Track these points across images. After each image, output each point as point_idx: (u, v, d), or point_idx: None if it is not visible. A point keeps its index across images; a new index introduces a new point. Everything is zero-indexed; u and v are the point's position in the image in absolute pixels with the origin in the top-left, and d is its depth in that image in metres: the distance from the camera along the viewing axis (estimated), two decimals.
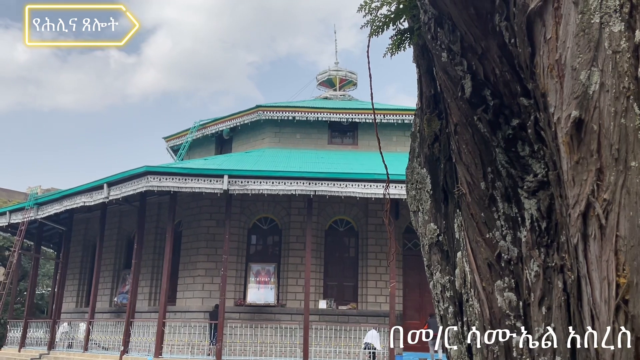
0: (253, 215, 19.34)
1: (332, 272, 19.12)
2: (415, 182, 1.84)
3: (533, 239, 1.47)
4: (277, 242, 19.52)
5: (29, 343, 20.38)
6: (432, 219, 1.76)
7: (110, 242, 21.21)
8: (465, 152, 1.59)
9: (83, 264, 22.83)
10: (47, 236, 24.86)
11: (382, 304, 18.05)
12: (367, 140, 22.45)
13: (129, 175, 16.34)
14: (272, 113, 22.30)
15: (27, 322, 20.66)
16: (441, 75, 1.64)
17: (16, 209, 21.03)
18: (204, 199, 18.43)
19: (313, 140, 22.55)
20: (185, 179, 16.06)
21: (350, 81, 28.48)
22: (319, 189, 16.12)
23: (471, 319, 1.59)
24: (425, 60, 1.81)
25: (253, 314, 17.94)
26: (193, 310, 18.06)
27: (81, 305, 22.32)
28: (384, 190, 12.56)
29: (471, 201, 1.57)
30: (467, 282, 1.60)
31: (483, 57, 1.53)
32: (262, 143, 22.60)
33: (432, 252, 1.76)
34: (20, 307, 27.51)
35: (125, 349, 16.30)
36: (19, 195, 42.00)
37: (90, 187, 17.50)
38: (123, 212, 21.02)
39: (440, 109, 1.75)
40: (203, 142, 24.32)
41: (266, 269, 18.71)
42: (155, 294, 19.43)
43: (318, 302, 18.14)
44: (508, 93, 1.52)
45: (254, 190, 16.10)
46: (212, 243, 18.52)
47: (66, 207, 18.42)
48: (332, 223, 19.50)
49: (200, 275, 18.48)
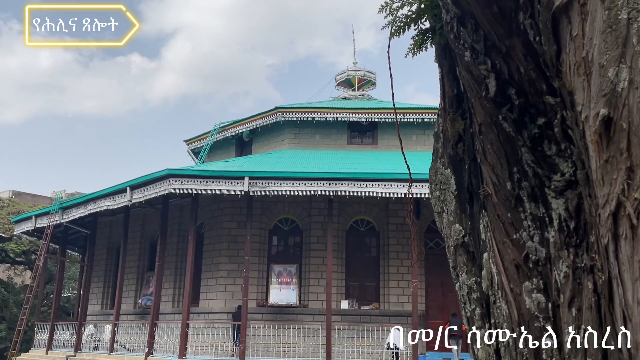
0: (274, 216, 19.39)
1: (353, 272, 19.08)
2: (439, 182, 1.82)
3: (561, 240, 1.45)
4: (298, 242, 19.55)
5: (55, 345, 20.71)
6: (457, 220, 1.75)
7: (133, 244, 21.46)
8: (491, 152, 1.57)
9: (107, 266, 23.15)
10: (72, 239, 25.24)
11: (405, 304, 17.97)
12: (387, 139, 22.36)
13: (151, 178, 16.51)
14: (291, 114, 22.34)
15: (53, 325, 20.99)
16: (464, 75, 1.62)
17: (41, 214, 21.40)
18: (225, 201, 18.54)
19: (333, 141, 22.54)
20: (207, 181, 16.17)
21: (369, 81, 28.39)
22: (340, 189, 16.10)
23: (499, 321, 1.57)
24: (448, 59, 1.79)
25: (275, 314, 17.99)
26: (216, 311, 18.18)
27: (106, 307, 22.62)
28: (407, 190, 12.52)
29: (497, 202, 1.55)
30: (494, 283, 1.58)
31: (507, 56, 1.51)
32: (282, 144, 22.65)
33: (458, 253, 1.75)
34: (47, 309, 27.98)
35: (150, 350, 16.48)
36: (44, 199, 42.73)
37: (114, 190, 17.72)
38: (146, 215, 21.26)
39: (464, 108, 1.73)
40: (223, 144, 24.47)
41: (288, 270, 18.76)
42: (179, 295, 19.60)
43: (340, 303, 18.12)
44: (533, 91, 1.50)
45: (274, 191, 16.14)
46: (234, 244, 18.62)
47: (90, 211, 18.69)
48: (353, 223, 19.46)
49: (223, 277, 18.60)
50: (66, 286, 33.37)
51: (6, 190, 45.67)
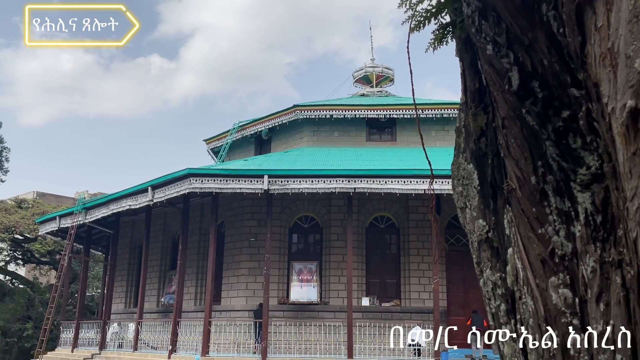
0: (294, 214, 19.44)
1: (374, 269, 19.05)
2: (462, 178, 1.80)
3: (588, 234, 1.43)
4: (318, 240, 19.57)
5: (81, 344, 21.03)
6: (480, 216, 1.73)
7: (155, 243, 21.69)
8: (514, 146, 1.55)
9: (130, 265, 23.43)
10: (96, 239, 25.59)
11: (426, 301, 17.89)
12: (406, 136, 22.25)
13: (172, 178, 16.66)
14: (309, 112, 22.35)
15: (78, 324, 21.31)
16: (486, 69, 1.61)
17: (65, 214, 21.72)
18: (245, 199, 18.64)
19: (351, 138, 22.50)
20: (227, 180, 16.26)
21: (387, 77, 28.29)
22: (359, 186, 16.07)
23: (525, 317, 1.55)
24: (469, 53, 1.78)
25: (296, 312, 18.05)
26: (238, 309, 18.30)
27: (130, 306, 22.91)
28: (428, 186, 12.44)
29: (522, 196, 1.53)
30: (519, 279, 1.56)
31: (530, 49, 1.49)
32: (301, 142, 22.68)
33: (482, 249, 1.73)
34: (72, 308, 28.42)
35: (173, 348, 16.65)
36: (67, 200, 43.39)
37: (135, 190, 17.92)
38: (167, 214, 21.47)
39: (486, 102, 1.71)
40: (242, 143, 24.59)
41: (308, 267, 18.80)
42: (201, 293, 19.77)
43: (361, 300, 18.11)
44: (557, 84, 1.48)
45: (294, 189, 16.17)
46: (255, 242, 18.72)
47: (113, 211, 18.92)
48: (373, 220, 19.42)
49: (244, 275, 18.71)
50: (90, 285, 33.86)
51: (30, 192, 46.46)
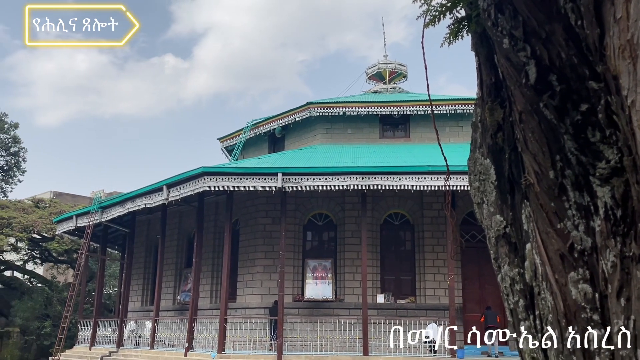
0: (308, 212, 19.47)
1: (388, 266, 19.02)
2: (479, 173, 1.79)
3: (608, 228, 1.41)
4: (332, 237, 19.58)
5: (98, 341, 21.26)
6: (497, 211, 1.72)
7: (171, 242, 21.84)
8: (532, 140, 1.54)
9: (146, 264, 23.62)
10: (112, 238, 25.83)
11: (441, 297, 17.83)
12: (420, 132, 22.16)
13: (186, 176, 16.76)
14: (322, 109, 22.35)
15: (96, 322, 21.54)
16: (503, 62, 1.59)
17: (82, 213, 21.95)
18: (260, 197, 18.69)
19: (365, 135, 22.46)
20: (241, 178, 16.32)
21: (400, 73, 28.17)
22: (373, 183, 16.04)
23: (544, 312, 1.54)
24: (485, 47, 1.76)
25: (311, 309, 18.08)
26: (253, 306, 18.37)
27: (146, 304, 23.10)
28: (444, 182, 12.37)
29: (540, 191, 1.52)
30: (538, 274, 1.55)
31: (547, 42, 1.47)
32: (314, 140, 22.69)
33: (499, 244, 1.72)
34: (89, 307, 28.72)
35: (189, 345, 16.76)
36: (84, 199, 43.82)
37: (151, 189, 18.05)
38: (182, 213, 21.61)
39: (503, 97, 1.70)
40: (256, 141, 24.66)
41: (323, 265, 18.81)
42: (216, 291, 19.88)
43: (376, 297, 18.10)
44: (575, 77, 1.46)
45: (307, 186, 16.18)
46: (269, 240, 18.78)
47: (128, 210, 19.08)
48: (387, 217, 19.38)
49: (259, 272, 18.78)
50: (107, 284, 34.18)
51: (47, 191, 47.01)
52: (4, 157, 49.08)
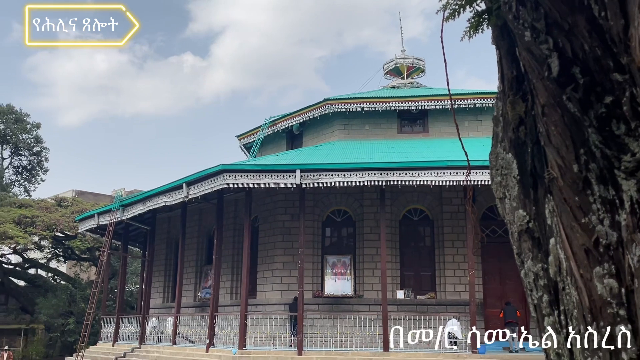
0: (326, 208, 19.48)
1: (408, 262, 18.97)
2: (501, 167, 1.77)
3: (634, 222, 1.39)
4: (351, 233, 19.58)
5: (121, 338, 21.56)
6: (520, 206, 1.70)
7: (191, 239, 22.03)
8: (555, 134, 1.52)
9: (167, 261, 23.86)
10: (133, 236, 26.12)
11: (462, 293, 17.73)
12: (438, 127, 22.01)
13: (206, 174, 16.87)
14: (340, 106, 22.31)
15: (118, 318, 21.83)
16: (525, 55, 1.58)
17: (103, 212, 22.23)
18: (278, 194, 18.75)
19: (383, 131, 22.38)
20: (259, 175, 16.39)
21: (417, 68, 28.00)
22: (391, 179, 15.99)
23: (568, 308, 1.52)
24: (506, 41, 1.74)
25: (331, 305, 18.11)
26: (273, 302, 18.46)
27: (167, 300, 23.35)
28: (465, 177, 12.26)
29: (563, 185, 1.50)
30: (562, 269, 1.53)
31: (570, 34, 1.45)
32: (332, 136, 22.67)
33: (522, 239, 1.70)
34: (111, 304, 29.12)
35: (210, 341, 16.91)
36: (105, 198, 44.37)
37: (171, 187, 18.21)
38: (202, 210, 21.77)
39: (524, 90, 1.68)
40: (274, 138, 24.72)
41: (342, 261, 18.82)
42: (236, 288, 20.01)
43: (395, 293, 18.06)
44: (599, 69, 1.44)
45: (326, 183, 16.19)
46: (288, 237, 18.83)
47: (149, 207, 19.28)
48: (406, 212, 19.32)
49: (278, 269, 18.86)
50: (129, 281, 34.61)
51: (69, 190, 47.67)
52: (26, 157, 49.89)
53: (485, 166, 11.83)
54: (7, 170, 49.20)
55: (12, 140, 48.32)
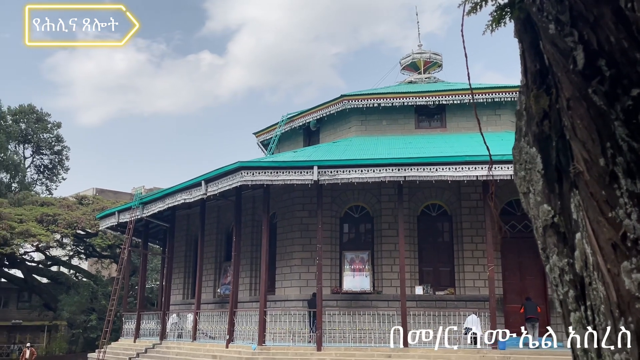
0: (344, 204, 19.47)
1: (426, 258, 18.89)
2: (524, 162, 1.75)
3: None
4: (369, 229, 19.55)
5: (142, 334, 21.81)
6: (545, 200, 1.68)
7: (210, 236, 22.19)
8: (580, 127, 1.50)
9: (187, 257, 24.07)
10: (153, 233, 26.39)
11: (481, 289, 17.61)
12: (456, 122, 21.86)
13: (224, 171, 16.97)
14: (357, 101, 22.26)
15: (139, 315, 22.09)
16: (549, 48, 1.56)
17: (124, 209, 22.48)
18: (296, 191, 18.79)
19: (400, 126, 22.29)
20: (277, 172, 16.43)
21: (435, 63, 27.81)
22: (409, 175, 15.93)
23: (595, 303, 1.50)
24: (529, 34, 1.72)
25: (350, 301, 18.12)
26: (292, 299, 18.52)
27: (187, 297, 23.56)
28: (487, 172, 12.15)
29: (590, 179, 1.48)
30: (588, 264, 1.51)
31: (596, 26, 1.43)
32: (349, 132, 22.65)
33: (547, 234, 1.68)
34: (132, 300, 29.46)
35: (230, 337, 17.03)
36: (125, 195, 44.83)
37: (189, 184, 18.35)
38: (221, 207, 21.91)
39: (548, 83, 1.66)
40: (291, 135, 24.76)
41: (360, 257, 18.81)
42: (255, 284, 20.12)
43: (414, 288, 18.01)
44: (625, 61, 1.42)
45: (343, 179, 16.18)
46: (306, 233, 18.87)
47: (168, 205, 19.45)
48: (424, 208, 19.23)
49: (297, 265, 18.91)
50: (149, 277, 34.99)
51: (90, 188, 48.30)
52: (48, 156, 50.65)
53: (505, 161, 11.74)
54: (29, 169, 50.03)
55: (33, 139, 49.11)
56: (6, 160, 44.40)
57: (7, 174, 45.78)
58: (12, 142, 46.64)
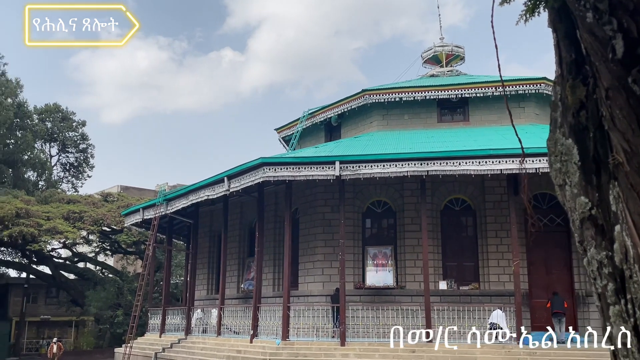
0: (366, 199, 19.43)
1: (450, 253, 18.76)
2: (560, 153, 1.73)
3: None
4: (392, 224, 19.48)
5: (167, 329, 22.09)
6: (582, 192, 1.65)
7: (233, 232, 22.34)
8: (620, 117, 1.47)
9: (210, 253, 24.27)
10: (177, 229, 26.66)
11: (506, 283, 17.44)
12: (479, 115, 21.63)
13: (246, 167, 17.04)
14: (378, 96, 22.17)
15: (165, 310, 22.36)
16: (586, 38, 1.53)
17: (148, 206, 22.74)
18: (318, 186, 18.80)
19: (422, 120, 22.14)
20: (299, 167, 16.45)
21: (457, 56, 27.53)
22: (432, 169, 15.81)
23: (636, 296, 1.48)
24: (564, 23, 1.69)
25: (373, 296, 18.10)
26: (315, 294, 18.57)
27: (211, 292, 23.77)
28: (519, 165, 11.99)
29: (630, 170, 1.46)
30: (629, 257, 1.48)
31: (635, 13, 1.40)
32: (371, 127, 22.57)
33: (585, 227, 1.65)
34: (157, 296, 29.84)
35: (254, 332, 17.15)
36: (149, 192, 45.40)
37: (212, 181, 18.48)
38: (243, 203, 22.04)
39: (585, 73, 1.63)
40: (312, 130, 24.77)
41: (383, 252, 18.76)
42: (278, 279, 20.21)
43: (438, 283, 17.90)
44: None
45: (365, 174, 16.13)
46: (329, 228, 18.88)
47: (192, 201, 19.62)
48: (447, 202, 19.09)
49: (320, 260, 18.93)
50: (174, 273, 35.38)
51: (115, 186, 49.00)
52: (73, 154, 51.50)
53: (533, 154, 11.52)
54: (55, 167, 50.93)
55: (59, 138, 49.97)
56: (33, 158, 45.25)
57: (34, 172, 46.67)
58: (38, 141, 47.50)
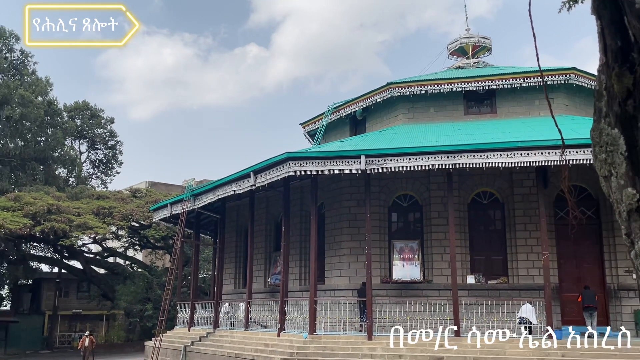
0: (392, 193, 19.33)
1: (478, 246, 18.57)
2: (605, 144, 1.68)
3: None
4: (418, 218, 19.36)
5: (196, 323, 22.35)
6: (629, 183, 1.61)
7: (259, 226, 22.46)
8: None
9: (237, 248, 24.47)
10: (204, 224, 26.91)
11: (535, 277, 17.21)
12: (507, 107, 21.32)
13: (272, 162, 17.09)
14: (403, 89, 22.00)
15: (193, 304, 22.63)
16: (635, 24, 1.48)
17: (175, 201, 23.00)
18: (344, 180, 18.77)
19: (448, 113, 21.91)
20: (324, 162, 16.43)
21: (483, 47, 27.16)
22: (459, 162, 15.64)
23: None
24: (608, 10, 1.64)
25: (400, 290, 18.03)
26: (341, 288, 18.58)
27: (239, 286, 23.97)
28: (560, 156, 11.74)
29: None
30: None
31: None
32: (396, 120, 22.42)
33: (632, 218, 1.61)
34: (186, 290, 30.22)
35: (282, 326, 17.23)
36: (176, 188, 45.91)
37: (239, 176, 18.58)
38: (269, 198, 22.13)
39: (631, 61, 1.58)
40: (337, 124, 24.72)
41: (409, 246, 18.67)
42: (305, 273, 20.27)
43: (465, 277, 17.75)
44: None
45: (391, 168, 16.04)
46: (355, 222, 18.85)
47: (218, 196, 19.78)
48: (475, 196, 18.89)
49: (346, 255, 18.93)
50: (201, 268, 35.79)
51: (143, 182, 49.67)
52: (102, 151, 52.37)
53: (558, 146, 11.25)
54: (85, 164, 51.85)
55: (88, 135, 50.84)
56: (63, 155, 46.12)
57: (65, 169, 47.58)
58: (68, 138, 48.38)
